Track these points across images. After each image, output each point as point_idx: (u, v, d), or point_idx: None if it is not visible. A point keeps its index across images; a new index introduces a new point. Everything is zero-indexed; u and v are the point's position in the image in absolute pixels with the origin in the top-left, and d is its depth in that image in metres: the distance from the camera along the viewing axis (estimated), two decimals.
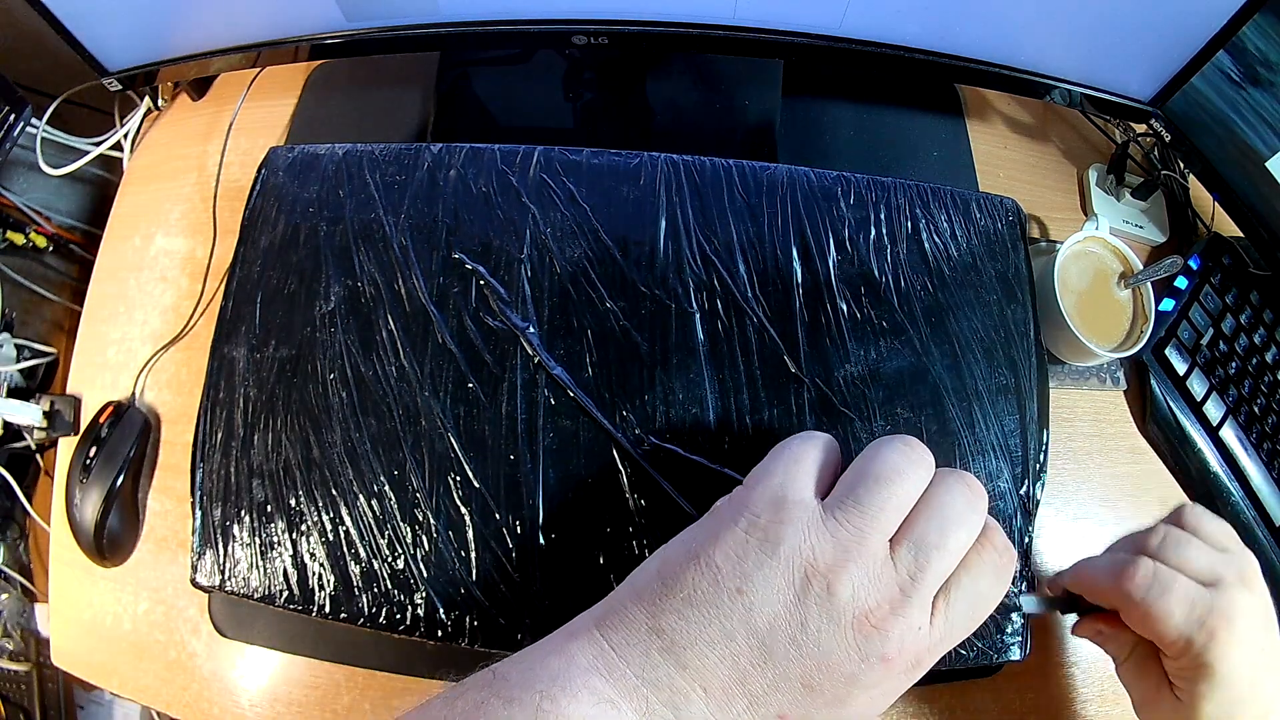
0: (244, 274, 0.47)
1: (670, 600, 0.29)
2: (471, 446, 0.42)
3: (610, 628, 0.30)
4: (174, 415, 0.57)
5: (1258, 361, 0.61)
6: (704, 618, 0.28)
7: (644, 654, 0.29)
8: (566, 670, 0.28)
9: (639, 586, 0.31)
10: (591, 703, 0.27)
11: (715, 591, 0.29)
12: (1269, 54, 0.51)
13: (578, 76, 0.64)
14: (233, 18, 0.54)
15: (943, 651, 0.30)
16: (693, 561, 0.30)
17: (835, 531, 0.29)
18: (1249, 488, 0.58)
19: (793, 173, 0.49)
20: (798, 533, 0.29)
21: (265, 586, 0.41)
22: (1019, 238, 0.49)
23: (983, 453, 0.44)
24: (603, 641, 0.29)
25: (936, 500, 0.31)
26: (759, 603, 0.28)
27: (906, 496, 0.30)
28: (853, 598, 0.28)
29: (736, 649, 0.28)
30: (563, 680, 0.28)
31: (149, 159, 0.67)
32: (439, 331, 0.44)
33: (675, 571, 0.30)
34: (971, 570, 0.30)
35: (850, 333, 0.45)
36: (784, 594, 0.28)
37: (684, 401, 0.43)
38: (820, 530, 0.29)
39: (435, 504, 0.41)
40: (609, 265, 0.46)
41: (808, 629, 0.28)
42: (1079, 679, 0.53)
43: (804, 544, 0.29)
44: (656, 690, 0.28)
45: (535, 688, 0.28)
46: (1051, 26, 0.54)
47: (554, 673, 0.28)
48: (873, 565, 0.29)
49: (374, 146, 0.50)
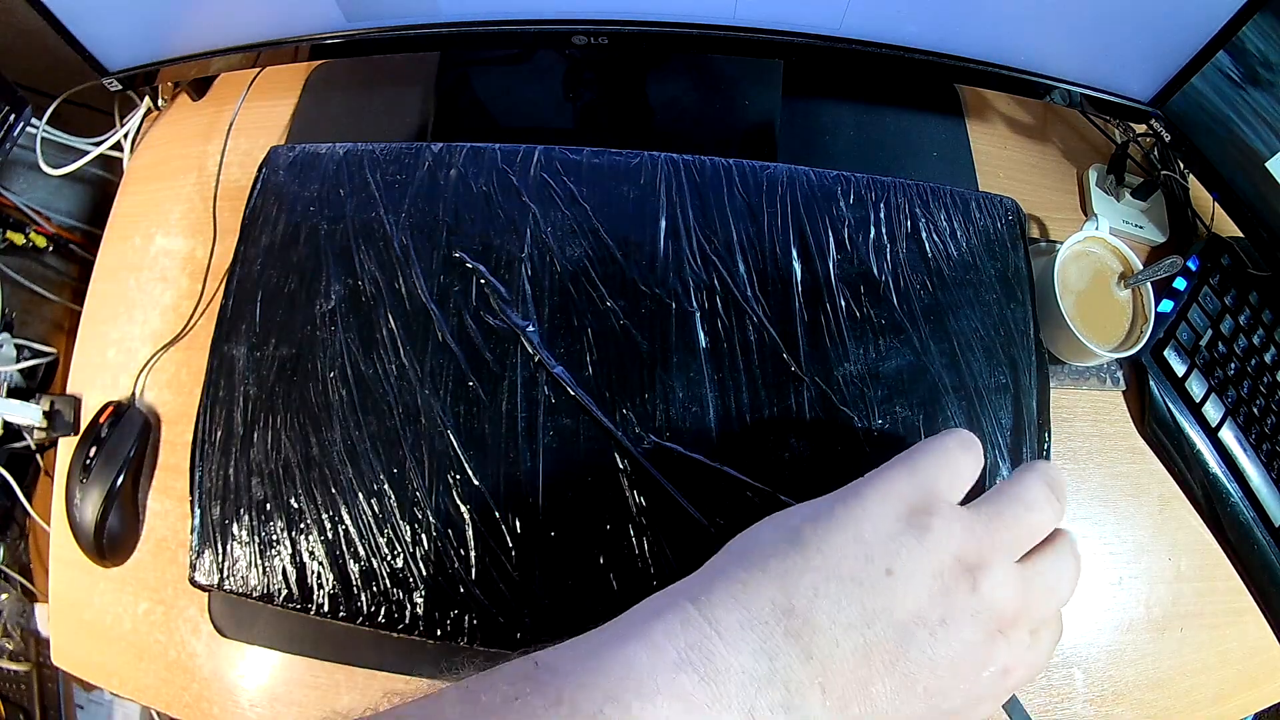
0: (244, 273, 0.47)
1: (809, 572, 0.25)
2: (471, 445, 0.42)
3: (719, 605, 0.25)
4: (174, 415, 0.57)
5: (1257, 363, 0.61)
6: (847, 596, 0.25)
7: (763, 639, 0.24)
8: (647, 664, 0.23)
9: (760, 554, 0.27)
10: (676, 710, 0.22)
11: (865, 567, 0.26)
12: (1269, 54, 0.51)
13: (578, 76, 0.64)
14: (233, 18, 0.54)
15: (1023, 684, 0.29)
16: (839, 532, 0.26)
17: (981, 537, 0.27)
18: (1248, 488, 0.58)
19: (793, 172, 0.49)
20: (947, 526, 0.27)
21: (264, 585, 0.41)
22: (1019, 237, 0.49)
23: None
24: (704, 624, 0.24)
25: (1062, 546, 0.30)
26: (905, 588, 0.25)
27: (1040, 528, 0.29)
28: (992, 599, 0.26)
29: (871, 639, 0.25)
30: (638, 678, 0.22)
31: (149, 159, 0.67)
32: (439, 330, 0.44)
33: (816, 540, 0.26)
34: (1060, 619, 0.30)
35: (850, 332, 0.45)
36: (929, 584, 0.26)
37: (684, 400, 0.43)
38: (968, 530, 0.27)
39: (435, 503, 0.41)
40: (609, 264, 0.46)
41: (947, 624, 0.25)
42: (1079, 679, 0.53)
43: (951, 539, 0.27)
44: (768, 689, 0.23)
45: (597, 686, 0.22)
46: (1051, 27, 0.54)
47: (626, 666, 0.23)
48: (1008, 576, 0.27)
49: (374, 146, 0.50)
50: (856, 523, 0.27)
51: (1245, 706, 0.55)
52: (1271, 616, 0.57)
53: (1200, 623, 0.56)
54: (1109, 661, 0.54)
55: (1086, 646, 0.54)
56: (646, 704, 0.22)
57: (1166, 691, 0.54)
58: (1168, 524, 0.58)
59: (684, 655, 0.23)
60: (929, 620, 0.25)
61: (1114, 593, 0.55)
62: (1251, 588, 0.57)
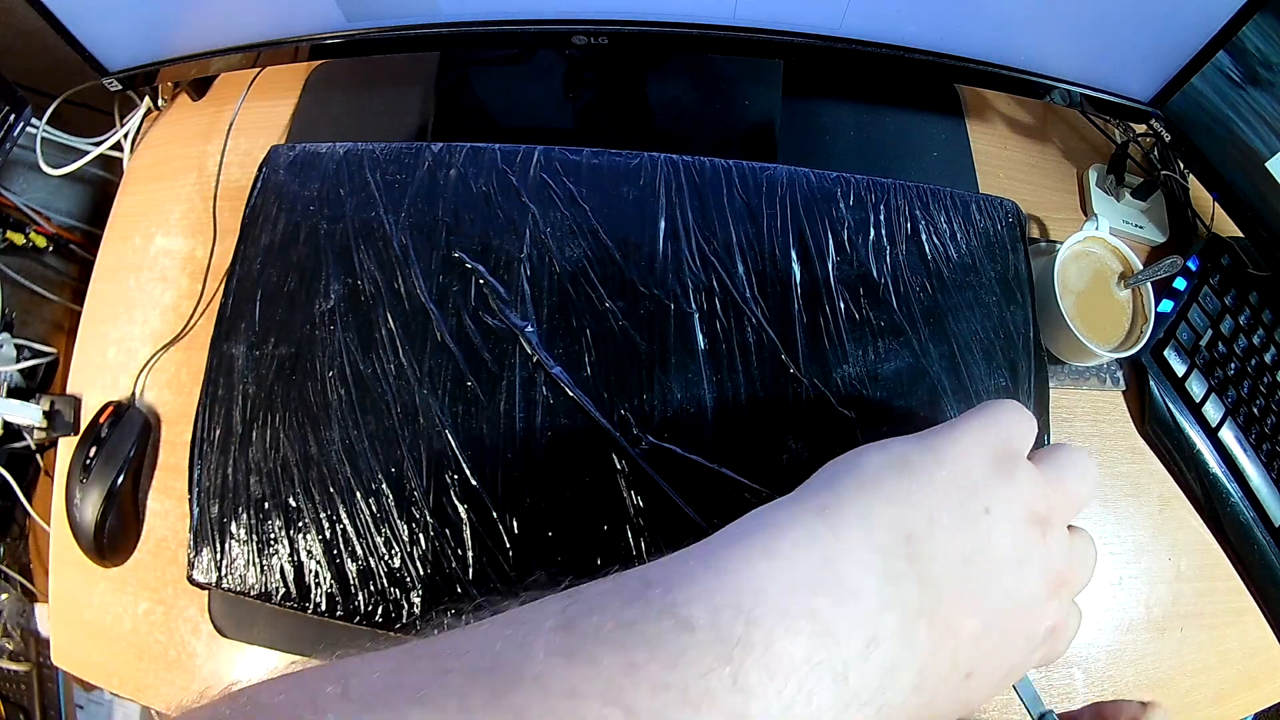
0: (244, 272, 0.47)
1: (920, 496, 0.25)
2: (469, 445, 0.42)
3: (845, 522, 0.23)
4: (174, 415, 0.57)
5: (1256, 363, 0.61)
6: (954, 527, 0.24)
7: (887, 561, 0.23)
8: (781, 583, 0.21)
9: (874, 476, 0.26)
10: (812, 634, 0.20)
11: (969, 502, 0.25)
12: (1269, 54, 0.51)
13: (578, 76, 0.64)
14: (233, 18, 0.54)
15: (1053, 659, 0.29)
16: (946, 465, 0.26)
17: (1048, 495, 0.27)
18: (1248, 488, 0.58)
19: (792, 173, 0.49)
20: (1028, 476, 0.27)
21: (262, 584, 0.41)
22: (1018, 239, 0.49)
23: None
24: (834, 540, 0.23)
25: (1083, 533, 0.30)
26: (998, 529, 0.25)
27: (1086, 500, 0.30)
28: (1054, 552, 0.27)
29: (968, 575, 0.24)
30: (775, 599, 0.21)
31: (149, 159, 0.67)
32: (438, 330, 0.44)
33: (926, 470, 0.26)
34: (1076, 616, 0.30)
35: (849, 333, 0.45)
36: (1013, 528, 0.26)
37: (682, 401, 0.43)
38: (1039, 485, 0.27)
39: (433, 502, 0.41)
40: (608, 265, 0.46)
41: (1023, 569, 0.25)
42: (1079, 679, 0.53)
43: (1029, 488, 0.27)
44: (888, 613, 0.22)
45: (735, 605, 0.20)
46: (1051, 27, 0.54)
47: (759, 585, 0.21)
48: (1063, 536, 0.28)
49: (374, 145, 0.50)
50: (958, 460, 0.26)
51: (1245, 706, 0.55)
52: (1271, 616, 0.57)
53: (1200, 623, 0.56)
54: (1109, 661, 0.54)
55: (1086, 646, 0.54)
56: (789, 629, 0.20)
57: (1166, 691, 0.54)
58: (1168, 524, 0.58)
59: (817, 573, 0.22)
60: (1010, 561, 0.25)
61: (1114, 593, 0.55)
62: (1251, 588, 0.57)
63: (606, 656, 0.19)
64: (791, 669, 0.20)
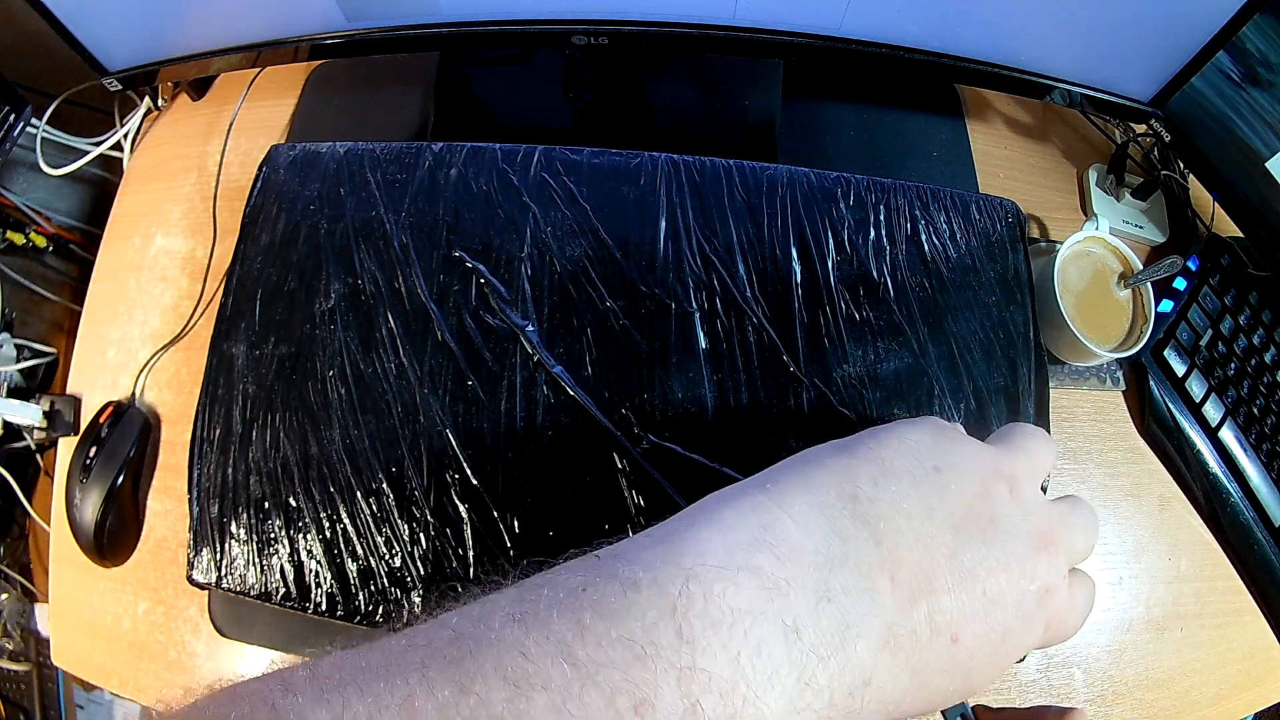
0: (244, 271, 0.47)
1: (864, 466, 0.26)
2: (470, 444, 0.42)
3: (787, 491, 0.25)
4: (174, 415, 0.57)
5: (1256, 363, 0.61)
6: (903, 488, 0.25)
7: (833, 521, 0.24)
8: (722, 546, 0.22)
9: (816, 456, 0.27)
10: (754, 588, 0.21)
11: (917, 463, 0.26)
12: (1269, 54, 0.51)
13: (578, 76, 0.64)
14: (233, 18, 0.54)
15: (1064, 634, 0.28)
16: (886, 438, 0.27)
17: (1004, 458, 0.28)
18: (1248, 488, 0.58)
19: (793, 173, 0.49)
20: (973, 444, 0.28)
21: (262, 584, 0.41)
22: (1018, 239, 0.49)
23: None
24: (775, 507, 0.24)
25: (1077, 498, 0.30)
26: (955, 486, 0.26)
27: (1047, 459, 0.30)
28: (1029, 506, 0.27)
29: (931, 531, 0.24)
30: (716, 559, 0.22)
31: (149, 159, 0.67)
32: (439, 329, 0.44)
33: (862, 445, 0.27)
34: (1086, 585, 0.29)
35: (849, 333, 0.45)
36: (973, 484, 0.26)
37: (683, 400, 0.43)
38: (992, 449, 0.28)
39: (433, 502, 0.41)
40: (609, 264, 0.46)
41: (997, 524, 0.25)
42: (1079, 679, 0.53)
43: (982, 452, 0.28)
44: (840, 570, 0.23)
45: (675, 566, 0.21)
46: (1051, 27, 0.54)
47: (701, 549, 0.22)
48: (1037, 493, 0.28)
49: (375, 145, 0.50)
50: (900, 433, 0.27)
51: (1245, 706, 0.55)
52: (1271, 616, 0.57)
53: (1200, 623, 0.56)
54: (1109, 661, 0.54)
55: (1086, 646, 0.54)
56: (729, 584, 0.21)
57: (1166, 691, 0.54)
58: (1168, 524, 0.58)
59: (758, 536, 0.23)
60: (980, 517, 0.25)
61: (1114, 593, 0.55)
62: (1251, 588, 0.57)
63: (557, 620, 0.20)
64: (735, 620, 0.20)
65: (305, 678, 0.20)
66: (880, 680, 0.22)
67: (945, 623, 0.24)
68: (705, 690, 0.19)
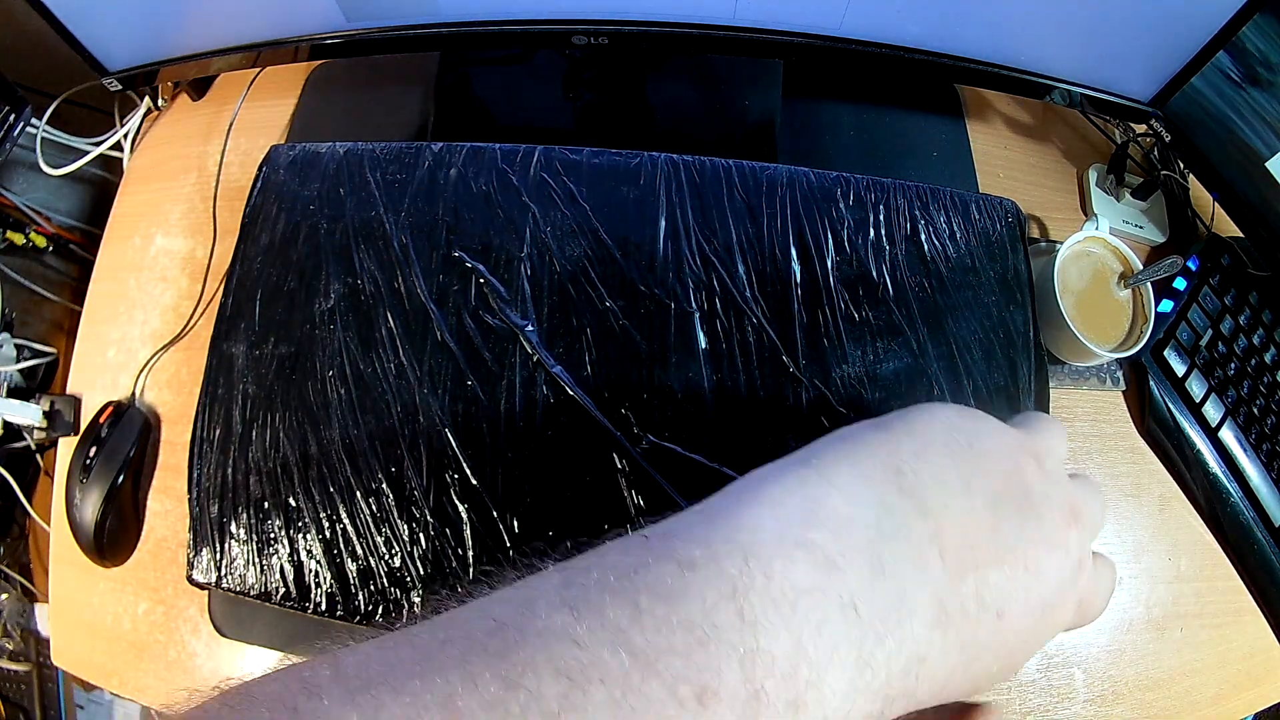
0: (244, 271, 0.47)
1: (904, 440, 0.25)
2: (470, 444, 0.42)
3: (831, 465, 0.24)
4: (174, 415, 0.57)
5: (1256, 363, 0.61)
6: (943, 462, 0.25)
7: (880, 494, 0.23)
8: (774, 523, 0.21)
9: (850, 436, 0.26)
10: (810, 564, 0.20)
11: (953, 439, 0.25)
12: (1269, 54, 0.51)
13: (578, 76, 0.64)
14: (233, 18, 0.54)
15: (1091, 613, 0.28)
16: (919, 417, 0.26)
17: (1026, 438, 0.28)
18: (1248, 488, 0.58)
19: (792, 173, 0.49)
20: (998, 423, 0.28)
21: (262, 584, 0.41)
22: (1018, 239, 0.49)
23: None
24: (822, 481, 0.23)
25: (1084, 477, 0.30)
26: (989, 461, 0.25)
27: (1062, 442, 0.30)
28: (1059, 479, 0.27)
29: (972, 505, 0.24)
30: (771, 536, 0.21)
31: (149, 159, 0.67)
32: (438, 329, 0.44)
33: (900, 421, 0.26)
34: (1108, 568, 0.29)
35: (849, 333, 0.45)
36: (1005, 461, 0.26)
37: (682, 400, 0.43)
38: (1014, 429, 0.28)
39: (433, 502, 0.41)
40: (609, 264, 0.46)
41: (1030, 497, 0.25)
42: (1079, 679, 0.53)
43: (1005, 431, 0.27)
44: (891, 541, 0.22)
45: (733, 541, 0.21)
46: (1051, 27, 0.54)
47: (754, 526, 0.21)
48: (1062, 469, 0.28)
49: (375, 145, 0.50)
50: (932, 412, 0.27)
51: (1245, 706, 0.55)
52: (1271, 616, 0.57)
53: (1200, 623, 0.56)
54: (1109, 661, 0.54)
55: (1086, 646, 0.54)
56: (787, 560, 0.20)
57: (1166, 691, 0.54)
58: (1168, 524, 0.58)
59: (809, 510, 0.22)
60: (1014, 493, 0.25)
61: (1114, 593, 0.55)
62: (1251, 588, 0.57)
63: (611, 605, 0.19)
64: (796, 598, 0.20)
65: (329, 677, 0.19)
66: (934, 657, 0.22)
67: (992, 598, 0.23)
68: (769, 674, 0.19)
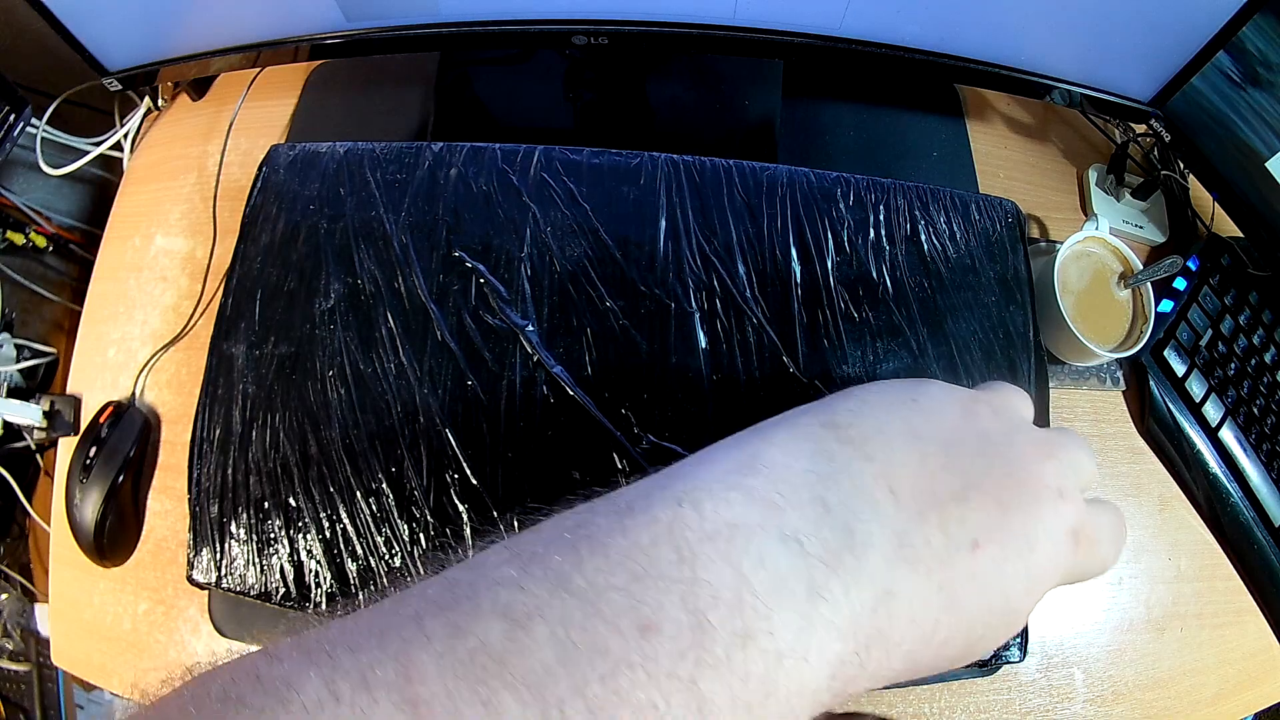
0: (244, 271, 0.47)
1: (840, 401, 0.26)
2: (470, 444, 0.42)
3: (769, 427, 0.25)
4: (174, 415, 0.57)
5: (1256, 363, 0.61)
6: (885, 415, 0.25)
7: (818, 445, 0.24)
8: (709, 474, 0.23)
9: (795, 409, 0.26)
10: (745, 503, 0.21)
11: (890, 397, 0.26)
12: (1269, 54, 0.51)
13: (578, 76, 0.64)
14: (233, 18, 0.54)
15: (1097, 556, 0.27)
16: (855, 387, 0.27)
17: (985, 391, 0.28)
18: (1248, 488, 0.58)
19: (792, 173, 0.49)
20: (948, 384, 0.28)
21: (262, 584, 0.41)
22: (1018, 239, 0.49)
23: None
24: (758, 440, 0.24)
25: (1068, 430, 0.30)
26: (936, 409, 0.26)
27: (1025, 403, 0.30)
28: (1020, 422, 0.27)
29: (925, 448, 0.24)
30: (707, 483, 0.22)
31: (149, 159, 0.67)
32: (438, 329, 0.44)
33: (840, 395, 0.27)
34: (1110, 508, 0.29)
35: (849, 333, 0.45)
36: (954, 409, 0.26)
37: (683, 401, 0.43)
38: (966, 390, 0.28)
39: (433, 502, 0.41)
40: (609, 264, 0.46)
41: (989, 437, 0.25)
42: (1079, 679, 0.53)
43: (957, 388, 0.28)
44: (835, 483, 0.22)
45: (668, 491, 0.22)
46: (1051, 27, 0.54)
47: (690, 477, 0.22)
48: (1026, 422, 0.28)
49: (375, 145, 0.50)
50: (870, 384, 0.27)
51: (1245, 706, 0.55)
52: (1271, 616, 0.57)
53: (1200, 623, 0.56)
54: (1109, 661, 0.54)
55: (1086, 646, 0.54)
56: (721, 500, 0.21)
57: (1166, 691, 0.54)
58: (1168, 524, 0.58)
59: (745, 463, 0.23)
60: (968, 438, 0.25)
61: (1114, 593, 0.55)
62: (1251, 588, 0.57)
63: (554, 554, 0.20)
64: (731, 532, 0.20)
65: (290, 644, 0.20)
66: (905, 593, 0.22)
67: (960, 532, 0.23)
68: (711, 605, 0.19)
